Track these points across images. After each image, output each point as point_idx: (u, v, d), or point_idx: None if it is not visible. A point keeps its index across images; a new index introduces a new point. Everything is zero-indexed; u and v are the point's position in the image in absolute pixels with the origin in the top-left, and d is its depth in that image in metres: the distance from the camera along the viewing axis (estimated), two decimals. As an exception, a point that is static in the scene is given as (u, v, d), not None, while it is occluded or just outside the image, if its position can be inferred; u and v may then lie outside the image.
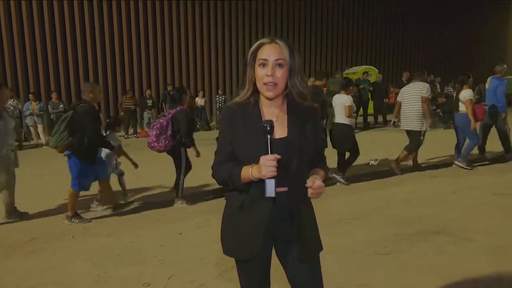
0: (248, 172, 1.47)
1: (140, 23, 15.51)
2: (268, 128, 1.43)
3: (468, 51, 24.93)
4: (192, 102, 12.10)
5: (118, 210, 4.94)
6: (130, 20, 15.29)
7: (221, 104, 14.89)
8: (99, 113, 4.78)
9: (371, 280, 2.97)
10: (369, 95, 13.62)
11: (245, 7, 17.75)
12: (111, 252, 3.71)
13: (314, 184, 1.47)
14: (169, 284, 3.03)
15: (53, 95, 12.14)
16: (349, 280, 2.98)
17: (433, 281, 2.91)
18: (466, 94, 6.47)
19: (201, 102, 14.43)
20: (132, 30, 15.38)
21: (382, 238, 3.79)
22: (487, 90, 7.30)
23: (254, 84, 1.58)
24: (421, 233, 3.90)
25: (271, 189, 1.40)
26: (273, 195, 1.41)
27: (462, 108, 6.57)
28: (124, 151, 5.10)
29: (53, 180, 6.77)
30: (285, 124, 1.58)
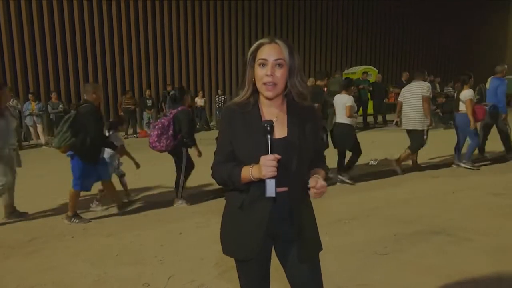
0: (248, 172, 1.47)
1: (140, 23, 15.52)
2: (268, 128, 1.43)
3: (468, 51, 24.94)
4: (192, 102, 12.13)
5: (123, 209, 4.93)
6: (130, 20, 15.29)
7: (221, 104, 14.87)
8: (102, 114, 4.79)
9: (371, 280, 2.97)
10: (369, 95, 13.64)
11: (245, 7, 17.76)
12: (111, 252, 3.71)
13: (317, 184, 1.47)
14: (169, 284, 3.02)
15: (53, 95, 12.14)
16: (349, 280, 2.98)
17: (433, 281, 2.91)
18: (467, 94, 6.47)
19: (201, 102, 14.42)
20: (132, 30, 15.38)
21: (382, 238, 3.79)
22: (488, 90, 7.30)
23: (254, 84, 1.57)
24: (421, 233, 3.90)
25: (272, 189, 1.40)
26: (274, 195, 1.41)
27: (463, 108, 6.57)
28: (127, 151, 5.13)
29: (53, 180, 6.77)
30: (285, 124, 1.58)
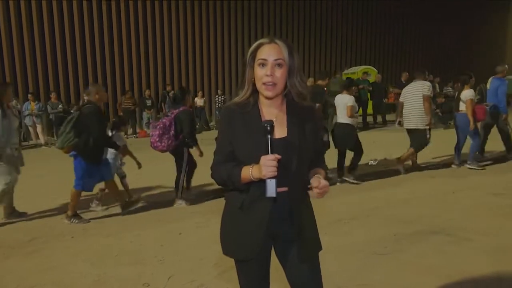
0: (248, 172, 1.47)
1: (140, 23, 15.52)
2: (269, 128, 1.43)
3: (468, 51, 24.95)
4: (191, 102, 12.10)
5: (126, 209, 4.93)
6: (129, 20, 15.30)
7: (221, 104, 14.85)
8: (104, 114, 4.81)
9: (371, 280, 2.97)
10: (369, 95, 13.64)
11: (245, 7, 17.76)
12: (111, 252, 3.71)
13: (320, 184, 1.48)
14: (169, 284, 3.02)
15: (52, 95, 12.14)
16: (349, 280, 2.97)
17: (433, 281, 2.91)
18: (467, 94, 6.48)
19: (201, 102, 14.41)
20: (132, 30, 15.39)
21: (382, 238, 3.79)
22: (488, 91, 7.29)
23: (254, 84, 1.57)
24: (421, 233, 3.90)
25: (272, 189, 1.40)
26: (274, 195, 1.41)
27: (463, 108, 6.57)
28: (129, 151, 5.16)
29: (53, 180, 6.77)
30: (285, 124, 1.58)
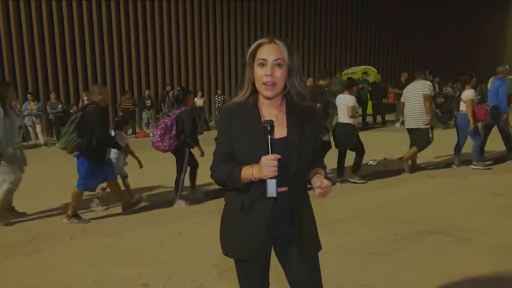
0: (249, 172, 1.47)
1: (139, 23, 15.52)
2: (269, 128, 1.43)
3: (468, 51, 24.95)
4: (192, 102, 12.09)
5: (128, 210, 4.93)
6: (129, 20, 15.30)
7: (220, 104, 14.85)
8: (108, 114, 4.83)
9: (371, 280, 2.97)
10: (368, 95, 13.64)
11: (244, 7, 17.76)
12: (110, 252, 3.70)
13: (323, 184, 1.48)
14: (168, 284, 3.02)
15: (52, 95, 12.14)
16: (349, 280, 2.97)
17: (433, 281, 2.91)
18: (468, 94, 6.48)
19: (200, 103, 14.40)
20: (131, 31, 15.38)
21: (382, 238, 3.79)
22: (489, 91, 7.29)
23: (253, 84, 1.57)
24: (421, 233, 3.90)
25: (273, 189, 1.40)
26: (275, 195, 1.41)
27: (464, 108, 6.57)
28: (131, 150, 5.19)
29: (52, 180, 6.76)
30: (284, 124, 1.58)
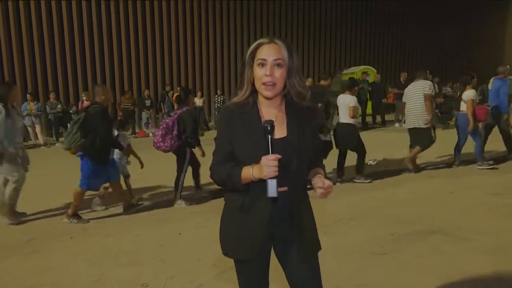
0: (249, 173, 1.47)
1: (139, 23, 15.51)
2: (269, 128, 1.43)
3: (467, 51, 24.96)
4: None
5: (128, 211, 4.93)
6: (129, 20, 15.29)
7: (220, 104, 14.83)
8: (110, 115, 4.86)
9: (370, 280, 2.97)
10: (368, 95, 13.64)
11: (244, 7, 17.76)
12: (110, 253, 3.70)
13: (325, 185, 1.48)
14: (168, 285, 3.02)
15: (51, 95, 12.13)
16: (348, 280, 2.97)
17: (432, 281, 2.91)
18: (469, 94, 6.49)
19: (200, 103, 14.38)
20: (131, 30, 15.37)
21: (381, 238, 3.79)
22: (490, 91, 7.28)
23: (253, 84, 1.57)
24: (420, 233, 3.90)
25: (273, 189, 1.40)
26: (275, 195, 1.41)
27: (464, 108, 6.57)
28: (133, 150, 5.24)
29: (52, 181, 6.76)
30: (284, 124, 1.58)
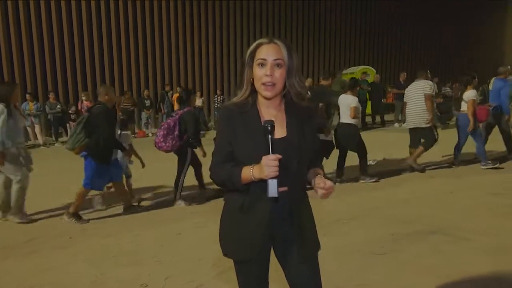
0: (249, 173, 1.46)
1: (138, 23, 15.50)
2: (269, 128, 1.43)
3: (467, 51, 24.97)
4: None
5: (128, 211, 4.93)
6: (128, 20, 15.27)
7: (219, 105, 14.84)
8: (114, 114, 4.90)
9: (369, 280, 2.97)
10: (367, 96, 13.64)
11: (243, 7, 17.75)
12: (110, 253, 3.70)
13: (326, 185, 1.48)
14: (167, 285, 3.02)
15: (51, 96, 12.10)
16: (347, 280, 2.97)
17: (432, 281, 2.91)
18: (470, 95, 6.49)
19: (199, 103, 14.37)
20: (130, 30, 15.36)
21: (381, 238, 3.79)
22: (491, 91, 7.27)
23: (252, 84, 1.57)
24: (420, 233, 3.90)
25: (274, 189, 1.40)
26: (276, 195, 1.40)
27: (465, 108, 6.58)
28: (135, 150, 5.28)
29: (51, 181, 6.75)
30: (284, 124, 1.58)
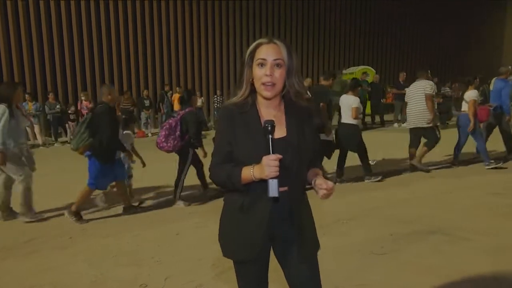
0: (250, 173, 1.46)
1: (138, 23, 15.50)
2: (270, 128, 1.43)
3: (466, 51, 24.98)
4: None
5: (128, 212, 4.93)
6: (127, 20, 15.27)
7: (219, 105, 14.83)
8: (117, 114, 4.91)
9: (369, 280, 2.97)
10: (367, 96, 13.64)
11: (243, 7, 17.75)
12: (109, 253, 3.70)
13: (328, 186, 1.48)
14: (166, 285, 3.01)
15: (50, 96, 12.09)
16: (347, 280, 2.97)
17: (431, 281, 2.91)
18: (471, 95, 6.50)
19: (199, 103, 14.37)
20: (130, 30, 15.36)
21: (380, 238, 3.79)
22: (492, 91, 7.26)
23: (252, 84, 1.57)
24: (420, 233, 3.90)
25: (274, 189, 1.40)
26: (277, 195, 1.41)
27: (466, 108, 6.58)
28: (135, 150, 5.30)
29: (51, 181, 6.74)
30: (283, 124, 1.58)
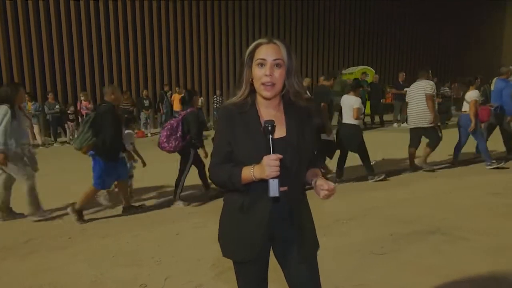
0: (250, 173, 1.46)
1: (137, 23, 15.49)
2: (270, 128, 1.43)
3: (466, 51, 25.00)
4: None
5: (128, 212, 4.93)
6: (127, 20, 15.26)
7: (219, 105, 14.83)
8: (119, 113, 4.94)
9: (369, 280, 2.97)
10: (366, 96, 13.65)
11: (242, 7, 17.75)
12: (109, 253, 3.69)
13: (329, 186, 1.48)
14: (166, 285, 3.01)
15: (49, 96, 12.09)
16: (347, 280, 2.97)
17: (431, 281, 2.91)
18: (472, 95, 6.51)
19: (199, 103, 14.38)
20: (129, 30, 15.35)
21: (380, 238, 3.79)
22: (492, 92, 7.27)
23: (251, 84, 1.57)
24: (419, 233, 3.90)
25: (275, 189, 1.40)
26: (277, 195, 1.41)
27: (467, 108, 6.58)
28: (136, 150, 5.31)
29: (51, 181, 6.72)
30: (283, 124, 1.58)
